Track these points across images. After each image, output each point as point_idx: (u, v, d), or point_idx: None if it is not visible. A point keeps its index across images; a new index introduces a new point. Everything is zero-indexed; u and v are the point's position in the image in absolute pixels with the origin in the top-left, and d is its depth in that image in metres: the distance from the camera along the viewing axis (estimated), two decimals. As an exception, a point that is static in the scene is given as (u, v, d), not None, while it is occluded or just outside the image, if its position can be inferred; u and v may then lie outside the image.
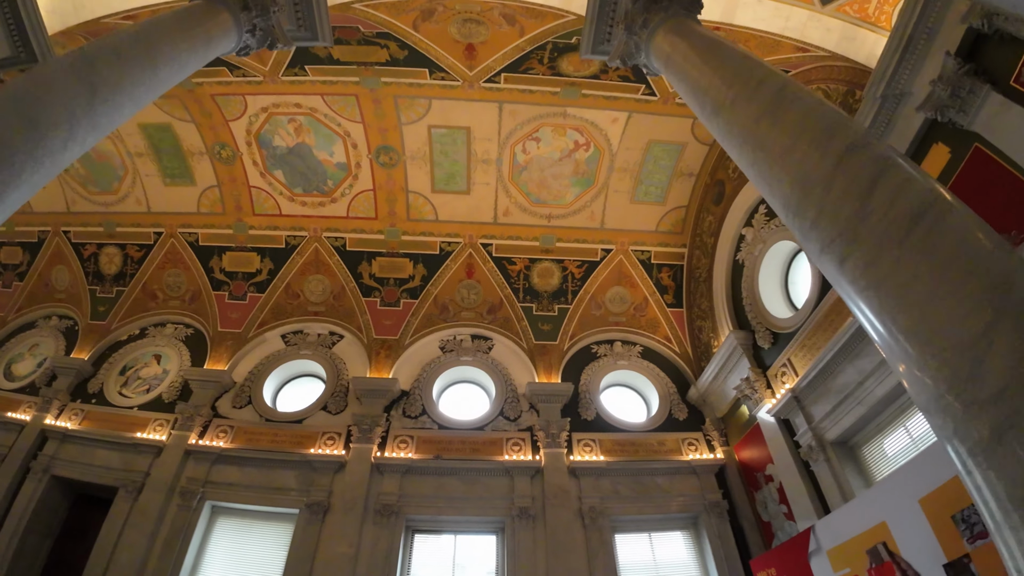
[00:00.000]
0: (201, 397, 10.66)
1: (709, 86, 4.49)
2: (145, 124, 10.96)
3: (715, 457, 10.52)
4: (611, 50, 6.57)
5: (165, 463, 9.77)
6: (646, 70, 6.23)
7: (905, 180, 2.79)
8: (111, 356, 11.57)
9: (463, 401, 11.76)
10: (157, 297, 12.27)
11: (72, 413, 10.51)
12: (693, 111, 4.97)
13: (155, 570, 8.73)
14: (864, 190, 2.87)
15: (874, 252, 2.72)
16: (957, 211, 2.65)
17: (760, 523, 9.42)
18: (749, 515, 9.66)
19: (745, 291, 10.14)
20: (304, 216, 11.92)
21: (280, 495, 9.67)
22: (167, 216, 12.10)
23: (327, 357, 11.62)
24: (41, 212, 12.22)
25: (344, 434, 10.43)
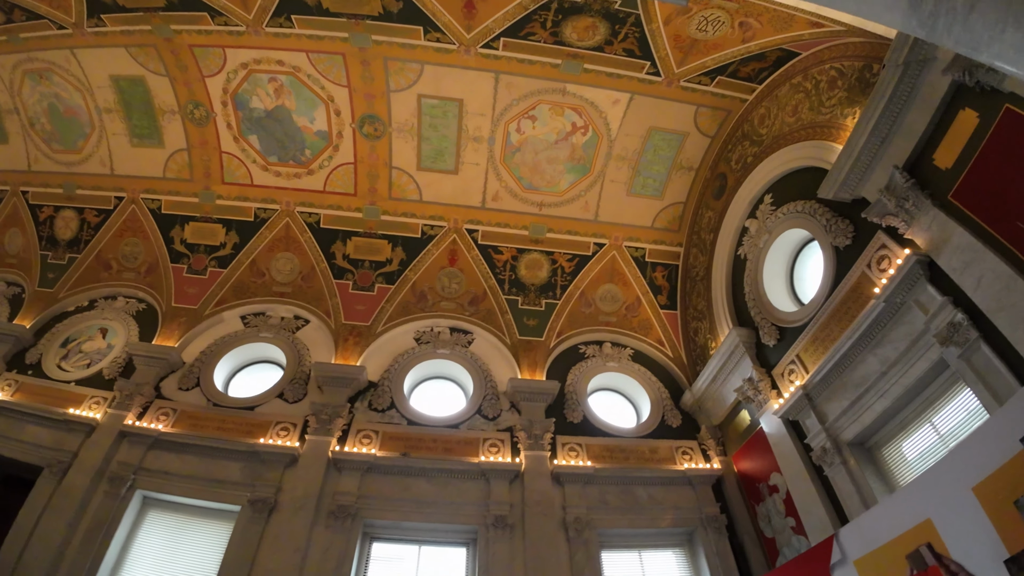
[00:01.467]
0: (145, 375, 9.49)
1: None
2: (117, 76, 10.14)
3: (712, 467, 9.59)
4: None
5: (96, 443, 8.55)
6: None
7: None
8: (55, 327, 10.37)
9: (438, 398, 10.73)
10: (111, 267, 11.15)
11: (5, 384, 9.28)
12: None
13: (73, 562, 7.45)
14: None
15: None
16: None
17: (762, 539, 8.45)
18: (750, 530, 8.69)
19: (748, 286, 9.43)
20: (277, 188, 11.04)
21: (221, 488, 8.46)
22: (130, 180, 11.15)
23: (289, 341, 10.54)
24: (1, 170, 11.17)
25: (300, 425, 9.32)
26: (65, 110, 10.67)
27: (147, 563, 7.99)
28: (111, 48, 9.76)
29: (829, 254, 7.70)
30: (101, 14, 9.28)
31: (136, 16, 9.21)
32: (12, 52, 10.16)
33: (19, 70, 10.43)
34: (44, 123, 10.86)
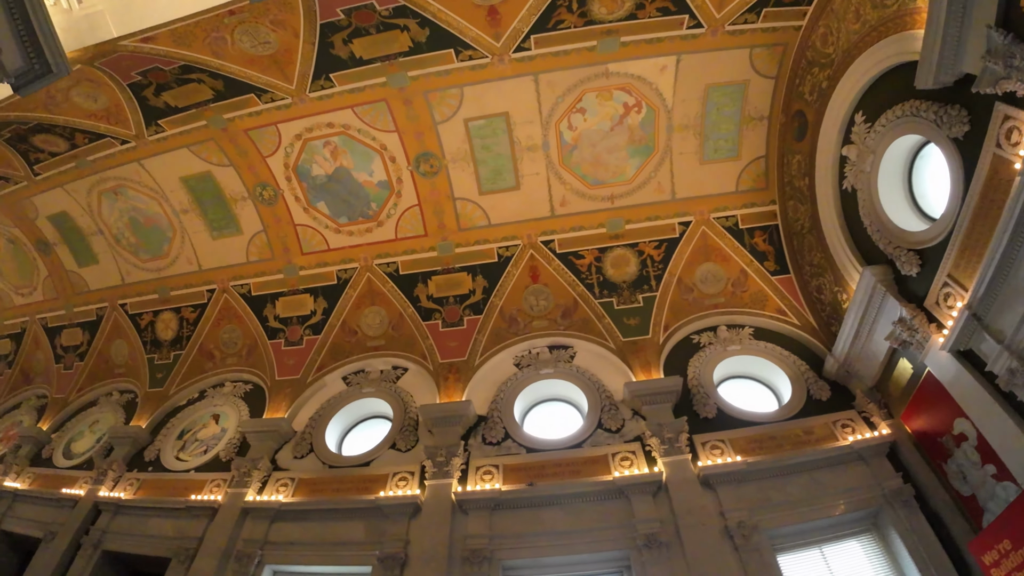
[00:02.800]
0: (259, 450, 9.53)
1: None
2: (186, 177, 10.93)
3: (880, 434, 8.08)
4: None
5: (220, 525, 8.52)
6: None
7: None
8: (169, 421, 10.89)
9: (552, 421, 10.00)
10: (214, 356, 11.68)
11: (127, 483, 9.72)
12: None
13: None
14: None
15: None
16: None
17: (960, 500, 6.88)
18: (943, 495, 7.11)
19: (866, 219, 8.18)
20: (353, 246, 11.21)
21: (348, 551, 8.09)
22: (218, 271, 11.82)
23: (392, 392, 10.33)
24: (98, 289, 12.23)
25: (418, 472, 8.87)
26: (145, 220, 11.61)
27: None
28: (174, 151, 10.59)
29: (949, 149, 6.49)
30: (158, 120, 10.11)
31: (190, 114, 9.94)
32: (84, 176, 11.25)
33: (94, 192, 11.53)
34: (128, 237, 11.83)
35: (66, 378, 12.92)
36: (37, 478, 11.21)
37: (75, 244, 12.60)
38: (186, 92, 9.60)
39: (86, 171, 11.20)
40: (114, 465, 10.07)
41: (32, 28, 6.56)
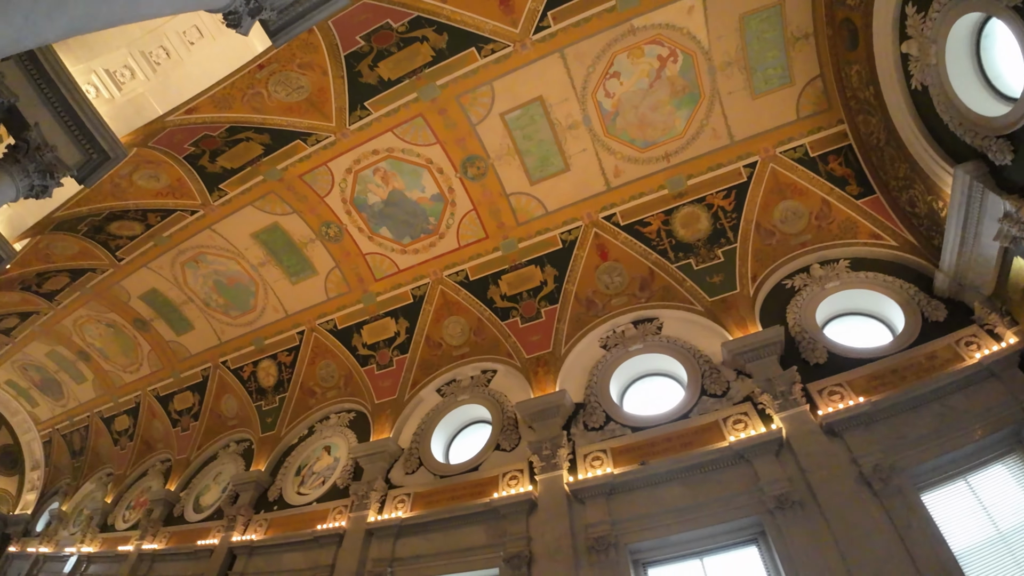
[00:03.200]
0: (372, 472, 9.92)
1: None
2: (256, 232, 11.57)
3: (1008, 344, 7.20)
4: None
5: (348, 550, 8.93)
6: None
7: None
8: (285, 460, 11.60)
9: (651, 396, 9.71)
10: (315, 393, 12.32)
11: (256, 525, 10.41)
12: None
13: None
14: None
15: None
16: None
17: None
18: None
19: (944, 114, 7.28)
20: (420, 263, 11.44)
21: (472, 556, 8.21)
22: (303, 313, 12.46)
23: (486, 395, 10.43)
24: (199, 352, 13.24)
25: (526, 469, 8.88)
26: (228, 280, 12.47)
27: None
28: (240, 210, 11.26)
29: (1014, 21, 5.72)
30: (219, 185, 10.76)
31: (246, 173, 10.53)
32: (164, 252, 12.19)
33: (176, 264, 12.47)
34: (216, 298, 12.77)
35: (185, 439, 14.16)
36: (172, 536, 12.16)
37: (169, 316, 13.72)
38: (238, 152, 10.14)
39: (164, 247, 12.14)
40: (242, 510, 10.78)
41: (82, 122, 7.17)
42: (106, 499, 15.46)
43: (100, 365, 15.97)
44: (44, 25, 3.33)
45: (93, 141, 7.10)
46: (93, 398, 17.27)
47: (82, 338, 15.35)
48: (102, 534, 14.94)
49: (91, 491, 17.09)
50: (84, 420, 17.91)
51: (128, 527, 14.30)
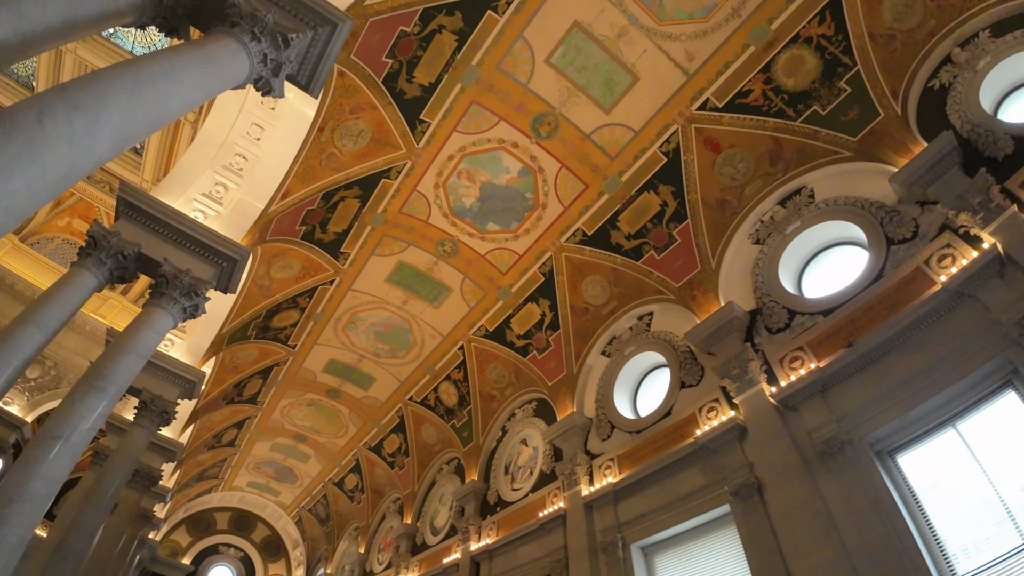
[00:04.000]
0: (570, 449, 9.93)
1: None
2: (387, 276, 12.31)
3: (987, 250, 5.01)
4: None
5: (574, 528, 8.97)
6: None
7: None
8: (492, 465, 12.15)
9: (828, 276, 8.48)
10: (494, 396, 12.77)
11: (487, 530, 11.04)
12: None
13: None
14: None
15: None
16: None
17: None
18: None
19: None
20: (536, 241, 11.25)
21: (696, 500, 7.74)
22: (456, 330, 13.07)
23: (651, 340, 9.91)
24: (388, 398, 14.55)
25: (721, 396, 8.22)
26: (385, 327, 13.51)
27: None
28: (367, 264, 12.08)
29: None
30: (339, 250, 11.62)
31: (356, 229, 11.22)
32: (324, 325, 13.50)
33: (339, 331, 13.79)
34: (381, 347, 13.95)
35: (404, 476, 15.77)
36: (421, 562, 13.48)
37: (352, 377, 15.22)
38: (341, 214, 10.78)
39: (322, 321, 13.41)
40: (470, 520, 11.66)
41: (200, 242, 7.96)
42: (359, 550, 17.61)
43: (316, 440, 18.24)
44: (91, 146, 3.50)
45: (216, 252, 7.93)
46: (320, 470, 19.87)
47: (292, 423, 17.64)
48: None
49: (346, 548, 19.50)
50: (320, 491, 20.66)
51: (384, 568, 15.94)
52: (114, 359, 6.63)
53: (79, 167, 3.45)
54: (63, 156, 3.30)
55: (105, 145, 3.63)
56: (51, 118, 3.31)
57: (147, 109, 4.07)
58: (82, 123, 3.45)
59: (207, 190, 9.06)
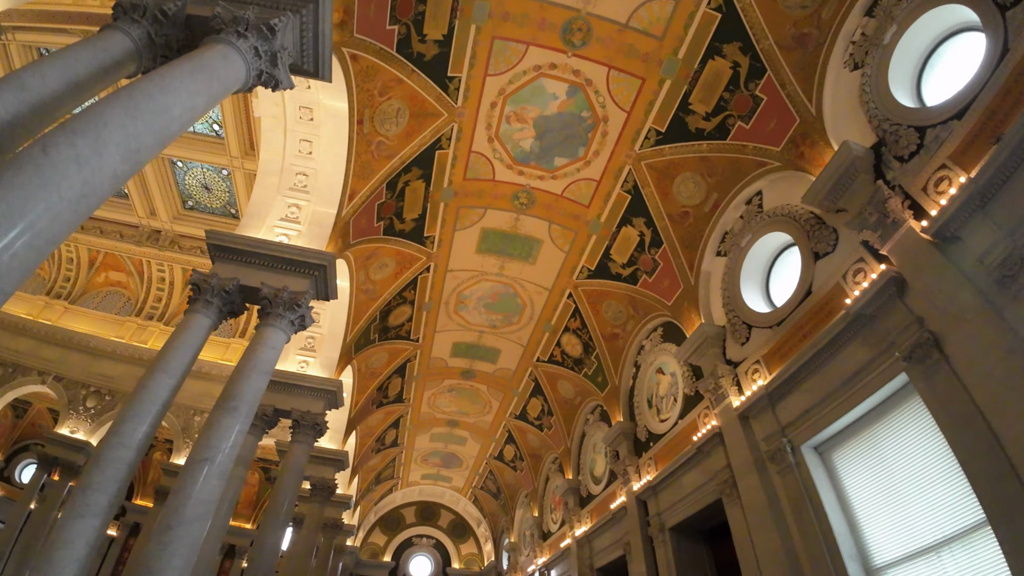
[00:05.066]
0: (709, 363, 9.04)
1: None
2: (476, 248, 12.31)
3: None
4: None
5: (734, 443, 8.16)
6: None
7: None
8: (634, 403, 11.72)
9: (950, 74, 6.76)
10: (617, 335, 12.22)
11: (645, 467, 10.78)
12: None
13: (804, 551, 6.81)
14: None
15: None
16: None
17: None
18: None
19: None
20: (610, 159, 10.37)
21: (867, 376, 6.53)
22: (558, 280, 12.60)
23: (766, 221, 8.66)
24: (517, 365, 14.75)
25: (865, 253, 6.90)
26: (492, 297, 13.58)
27: (866, 500, 6.54)
28: (454, 242, 12.11)
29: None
30: (424, 236, 11.73)
31: (431, 209, 11.18)
32: (436, 312, 13.62)
33: (451, 313, 14.09)
34: (495, 318, 14.11)
35: (555, 435, 15.81)
36: (591, 512, 13.53)
37: (479, 354, 15.52)
38: (410, 199, 10.79)
39: (433, 309, 13.81)
40: (627, 461, 11.30)
41: (287, 259, 8.32)
42: (533, 514, 18.17)
43: (466, 422, 18.94)
44: (100, 163, 3.67)
45: (304, 264, 8.31)
46: (479, 449, 20.73)
47: (441, 411, 18.44)
48: (544, 542, 17.44)
49: (522, 515, 20.28)
50: (485, 468, 21.63)
51: (559, 526, 16.26)
52: (239, 380, 7.15)
53: (94, 183, 3.63)
54: (74, 175, 3.50)
55: (116, 159, 3.81)
56: (54, 146, 3.52)
57: (148, 121, 4.21)
58: (84, 144, 3.63)
59: (283, 215, 9.46)
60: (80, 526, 5.78)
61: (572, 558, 13.92)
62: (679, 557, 9.64)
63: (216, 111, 13.17)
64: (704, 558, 9.74)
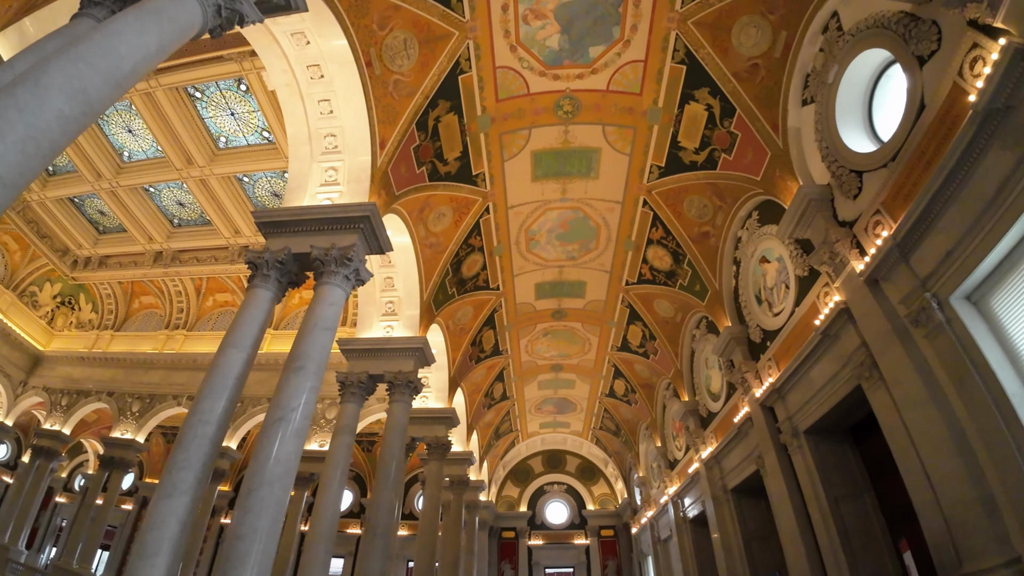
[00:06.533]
0: (817, 232, 7.53)
1: None
2: (532, 175, 11.41)
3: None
4: None
5: (864, 314, 6.78)
6: None
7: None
8: (740, 303, 10.63)
9: None
10: (707, 233, 11.01)
11: (765, 369, 9.59)
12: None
13: (974, 427, 5.36)
14: None
15: None
16: None
17: None
18: None
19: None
20: (649, 32, 8.86)
21: (1012, 193, 4.87)
22: (629, 189, 11.45)
23: (850, 41, 6.81)
24: (607, 295, 13.85)
25: (977, 37, 5.16)
26: (562, 226, 12.76)
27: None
28: (505, 174, 11.30)
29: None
30: (472, 175, 11.05)
31: (471, 142, 10.27)
32: (506, 255, 13.03)
33: (523, 252, 13.47)
34: (571, 248, 13.43)
35: (662, 359, 14.85)
36: (715, 432, 12.58)
37: (565, 291, 14.80)
38: (447, 137, 10.07)
39: (505, 252, 13.24)
40: (743, 368, 10.12)
41: (329, 218, 8.04)
42: (656, 445, 17.28)
43: (570, 364, 18.29)
44: (41, 106, 3.66)
45: (345, 220, 8.20)
46: (589, 389, 20.03)
47: (541, 357, 17.95)
48: (672, 471, 16.50)
49: (646, 448, 19.47)
50: (599, 408, 20.94)
51: (684, 451, 15.35)
52: (303, 340, 7.19)
53: (39, 125, 3.59)
54: (16, 120, 3.49)
55: (59, 100, 3.73)
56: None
57: (92, 62, 4.03)
58: (24, 89, 3.61)
59: (322, 180, 9.22)
60: (169, 505, 5.90)
61: (702, 482, 12.93)
62: (820, 462, 8.36)
63: (260, 119, 13.30)
64: (850, 459, 8.39)
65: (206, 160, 14.30)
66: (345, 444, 10.22)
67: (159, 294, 19.63)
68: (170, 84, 12.54)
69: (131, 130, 14.17)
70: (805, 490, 8.54)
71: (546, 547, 26.35)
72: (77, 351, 19.82)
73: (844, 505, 8.02)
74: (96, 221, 18.04)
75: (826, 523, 7.96)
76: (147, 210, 16.70)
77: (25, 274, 19.16)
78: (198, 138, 13.80)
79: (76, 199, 17.05)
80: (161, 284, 19.20)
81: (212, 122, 13.57)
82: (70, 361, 19.74)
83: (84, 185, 15.75)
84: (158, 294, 19.70)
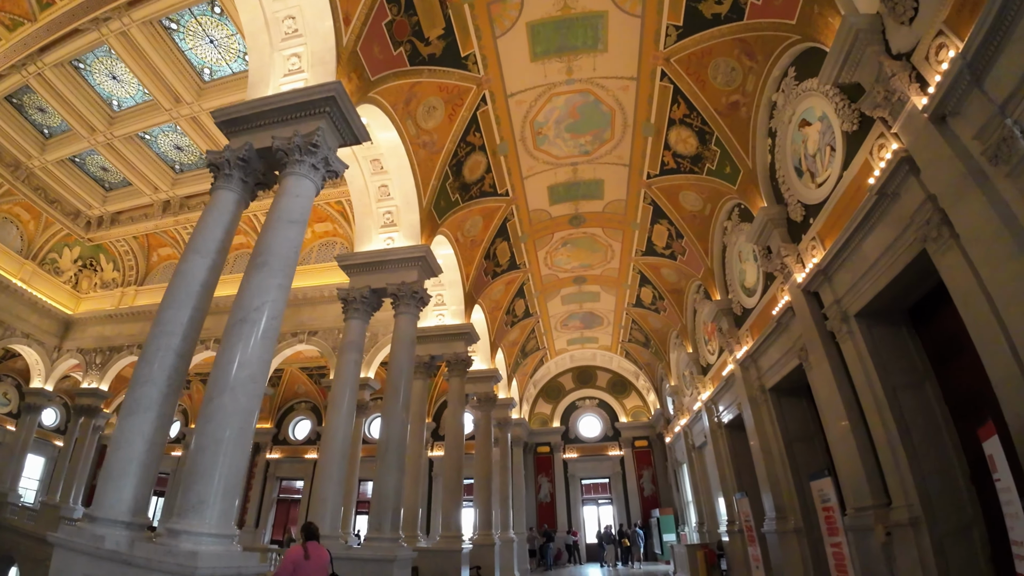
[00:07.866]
0: (869, 69, 5.98)
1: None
2: (530, 53, 9.85)
3: None
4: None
5: (932, 163, 5.44)
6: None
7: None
8: (776, 179, 9.26)
9: None
10: (737, 104, 9.39)
11: (808, 251, 8.50)
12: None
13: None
14: None
15: None
16: None
17: None
18: None
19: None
20: None
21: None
22: (644, 59, 9.79)
23: None
24: (626, 193, 12.83)
25: None
26: (570, 114, 11.42)
27: None
28: (502, 60, 9.88)
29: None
30: (463, 58, 9.65)
31: (455, 18, 8.83)
32: (514, 153, 11.48)
33: (530, 149, 12.21)
34: (583, 141, 12.10)
35: (691, 259, 13.76)
36: (751, 329, 11.67)
37: (580, 192, 13.60)
38: (423, 10, 8.67)
39: (510, 151, 12.01)
40: (782, 252, 8.93)
41: (288, 106, 7.06)
42: (688, 351, 16.39)
43: (593, 275, 17.26)
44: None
45: (306, 104, 7.30)
46: (615, 300, 19.04)
47: (562, 269, 16.95)
48: (705, 376, 15.64)
49: (677, 357, 18.62)
50: (627, 319, 19.99)
51: (717, 355, 14.41)
52: (267, 233, 6.48)
53: None
54: None
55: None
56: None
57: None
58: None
59: (285, 70, 8.13)
60: (132, 423, 5.32)
61: (738, 383, 11.98)
62: (874, 348, 7.26)
63: (240, 42, 12.18)
64: (908, 344, 7.26)
65: (193, 96, 13.42)
66: (353, 361, 9.75)
67: (175, 244, 19.34)
68: (143, 18, 11.51)
69: (115, 76, 13.36)
70: (857, 381, 7.50)
71: (581, 459, 26.70)
72: (105, 310, 20.27)
73: (903, 395, 6.97)
74: (100, 178, 17.72)
75: (882, 416, 6.97)
76: (147, 159, 16.16)
77: (42, 242, 19.30)
78: (182, 73, 12.94)
79: (77, 159, 16.61)
80: (175, 233, 18.88)
81: (193, 54, 12.59)
82: (99, 321, 20.28)
83: (81, 142, 15.25)
84: (174, 244, 19.41)
